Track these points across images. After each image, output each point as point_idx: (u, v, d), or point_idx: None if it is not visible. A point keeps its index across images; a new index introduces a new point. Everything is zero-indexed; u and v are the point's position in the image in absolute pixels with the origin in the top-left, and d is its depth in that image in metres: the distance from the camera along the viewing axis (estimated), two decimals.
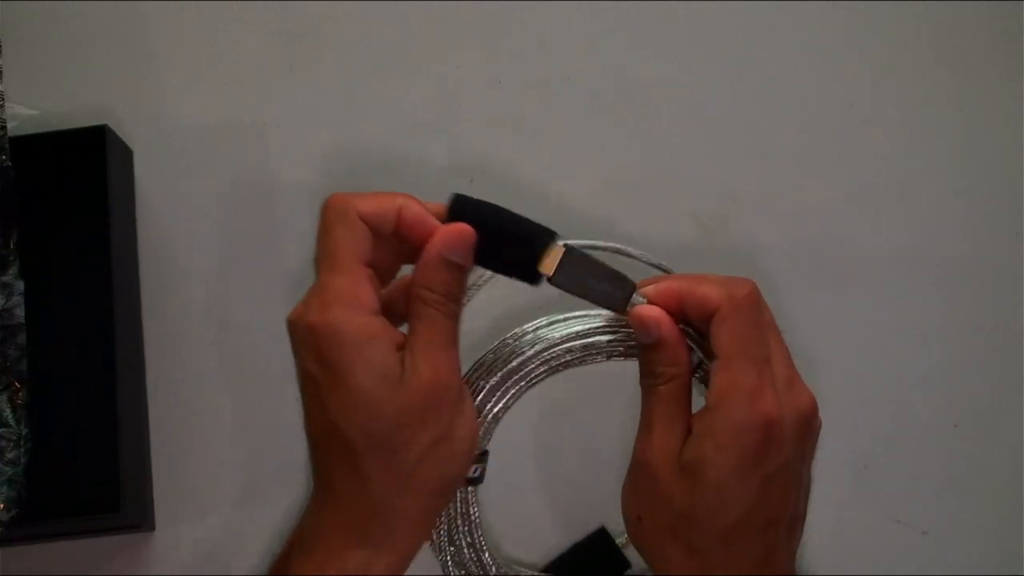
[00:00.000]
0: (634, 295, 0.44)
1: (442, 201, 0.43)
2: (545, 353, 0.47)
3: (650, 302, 0.44)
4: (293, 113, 0.60)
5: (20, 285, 0.54)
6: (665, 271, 0.50)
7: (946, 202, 0.60)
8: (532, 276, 0.44)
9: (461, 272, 0.43)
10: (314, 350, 0.41)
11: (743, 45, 0.61)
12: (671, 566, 0.44)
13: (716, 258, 0.59)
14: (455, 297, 0.43)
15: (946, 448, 0.58)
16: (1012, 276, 0.59)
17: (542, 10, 0.61)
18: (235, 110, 0.60)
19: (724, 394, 0.42)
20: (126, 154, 0.59)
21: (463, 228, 0.42)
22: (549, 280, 0.44)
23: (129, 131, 0.60)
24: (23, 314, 0.54)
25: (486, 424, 0.47)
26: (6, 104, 0.54)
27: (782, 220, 0.60)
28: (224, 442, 0.57)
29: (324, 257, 0.42)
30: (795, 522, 0.44)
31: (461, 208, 0.43)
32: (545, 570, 0.56)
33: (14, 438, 0.52)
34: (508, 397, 0.47)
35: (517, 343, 0.47)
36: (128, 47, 0.61)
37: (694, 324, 0.45)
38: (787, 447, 0.42)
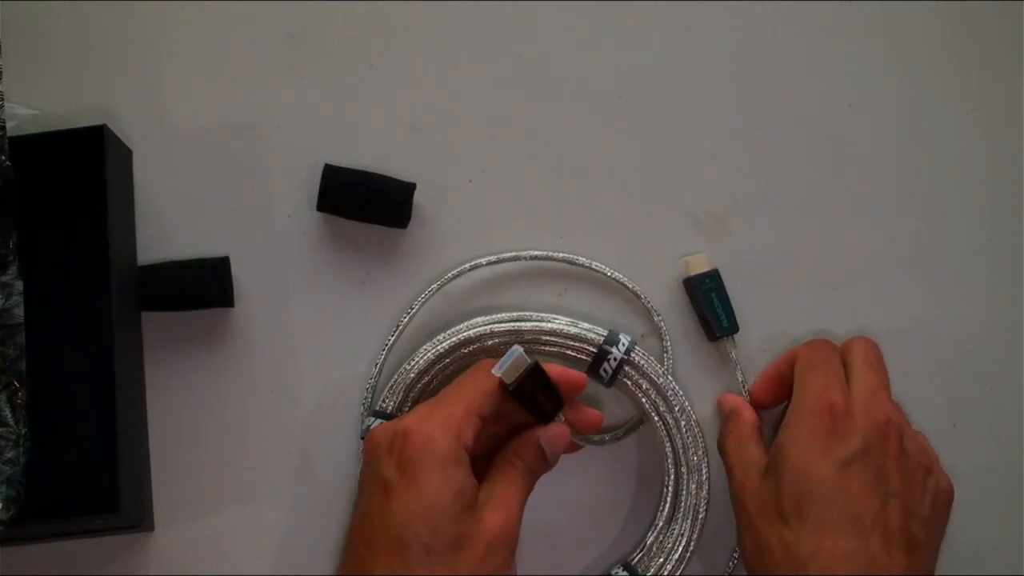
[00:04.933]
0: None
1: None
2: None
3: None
4: (293, 113, 0.60)
5: (19, 285, 0.54)
6: (632, 290, 0.57)
7: (946, 202, 0.60)
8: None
9: (547, 459, 0.49)
10: (400, 453, 0.44)
11: (743, 45, 0.61)
12: (772, 556, 0.47)
13: (716, 258, 0.59)
14: (536, 471, 0.49)
15: (946, 448, 0.57)
16: (1012, 276, 0.59)
17: (542, 10, 0.61)
18: (235, 110, 0.60)
19: (795, 398, 0.51)
20: (125, 154, 0.59)
21: (567, 435, 0.49)
22: (688, 283, 0.57)
23: (128, 131, 0.60)
24: (22, 314, 0.54)
25: None
26: (5, 104, 0.54)
27: (782, 220, 0.60)
28: (223, 442, 0.57)
29: (458, 391, 0.48)
30: (904, 541, 0.46)
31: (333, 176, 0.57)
32: None
33: (13, 437, 0.52)
34: None
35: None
36: (128, 47, 0.61)
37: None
38: (857, 436, 0.48)
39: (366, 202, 0.57)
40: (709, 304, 0.56)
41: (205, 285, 0.57)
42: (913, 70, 0.61)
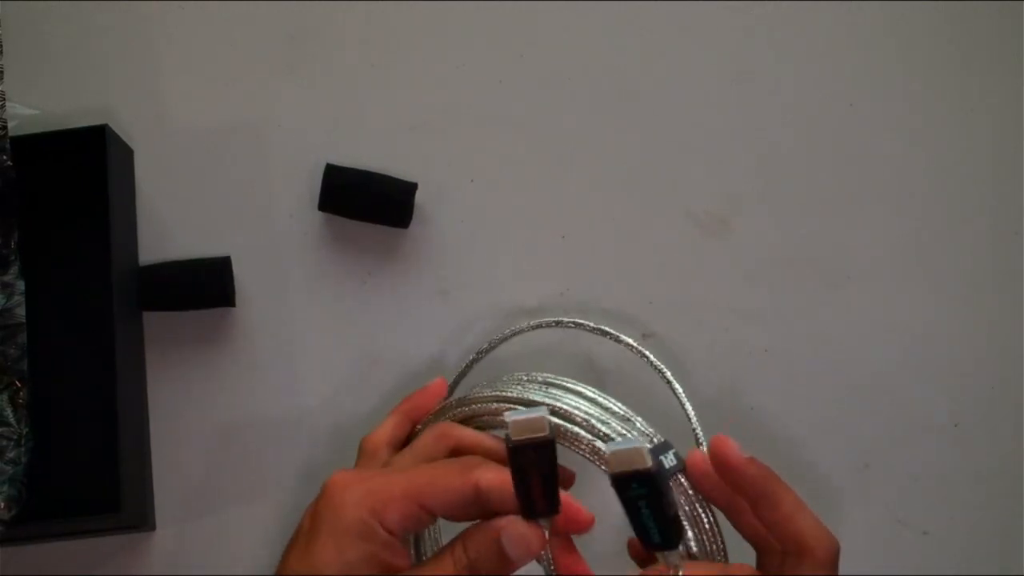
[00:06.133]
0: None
1: None
2: None
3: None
4: (293, 113, 0.60)
5: (21, 285, 0.54)
6: (641, 353, 0.51)
7: (946, 202, 0.60)
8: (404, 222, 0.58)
9: (505, 559, 0.42)
10: (315, 508, 0.42)
11: (743, 45, 0.61)
12: None
13: (716, 258, 0.59)
14: (482, 569, 0.42)
15: (946, 448, 0.57)
16: (1012, 276, 0.59)
17: (542, 10, 0.61)
18: (235, 110, 0.60)
19: None
20: (126, 154, 0.59)
21: (539, 539, 0.41)
22: (613, 481, 0.37)
23: (129, 131, 0.60)
24: (24, 313, 0.54)
25: None
26: (7, 104, 0.54)
27: (782, 220, 0.60)
28: (224, 442, 0.57)
29: (425, 471, 0.43)
30: None
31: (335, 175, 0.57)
32: None
33: (15, 437, 0.52)
34: None
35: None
36: (129, 47, 0.61)
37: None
38: None
39: (368, 202, 0.57)
40: (636, 513, 0.38)
41: (206, 285, 0.57)
42: (913, 70, 0.61)
